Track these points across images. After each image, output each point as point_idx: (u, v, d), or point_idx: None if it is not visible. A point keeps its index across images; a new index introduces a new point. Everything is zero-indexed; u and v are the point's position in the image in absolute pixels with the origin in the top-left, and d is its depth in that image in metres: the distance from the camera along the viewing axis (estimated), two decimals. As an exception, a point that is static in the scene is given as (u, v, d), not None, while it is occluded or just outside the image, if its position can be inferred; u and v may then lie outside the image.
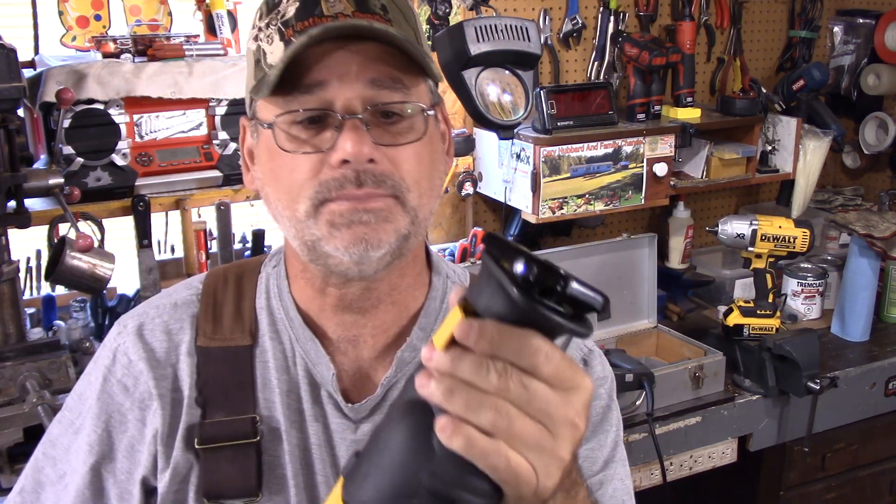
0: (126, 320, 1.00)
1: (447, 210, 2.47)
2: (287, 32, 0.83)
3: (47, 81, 1.74)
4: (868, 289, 2.32)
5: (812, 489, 2.25)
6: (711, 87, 2.84)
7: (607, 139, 2.23)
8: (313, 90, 0.82)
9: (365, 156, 0.82)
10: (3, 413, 1.60)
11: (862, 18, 2.91)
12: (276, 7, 0.86)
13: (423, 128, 0.87)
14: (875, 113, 2.88)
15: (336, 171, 0.83)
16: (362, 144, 0.82)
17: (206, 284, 1.00)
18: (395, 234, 0.85)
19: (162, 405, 0.93)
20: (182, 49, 1.92)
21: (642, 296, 2.26)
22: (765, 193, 3.03)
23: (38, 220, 1.77)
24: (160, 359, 0.95)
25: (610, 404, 1.03)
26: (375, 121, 0.84)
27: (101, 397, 0.96)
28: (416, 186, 0.86)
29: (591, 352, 1.05)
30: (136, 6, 2.04)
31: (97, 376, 0.98)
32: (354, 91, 0.82)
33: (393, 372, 0.94)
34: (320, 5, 0.83)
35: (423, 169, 0.87)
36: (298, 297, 0.96)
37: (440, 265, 1.01)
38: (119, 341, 0.98)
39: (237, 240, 2.18)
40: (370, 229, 0.83)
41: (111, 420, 0.95)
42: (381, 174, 0.83)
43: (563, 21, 2.52)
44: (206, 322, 0.96)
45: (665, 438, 1.94)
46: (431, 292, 0.98)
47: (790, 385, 2.05)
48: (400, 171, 0.84)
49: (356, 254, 0.84)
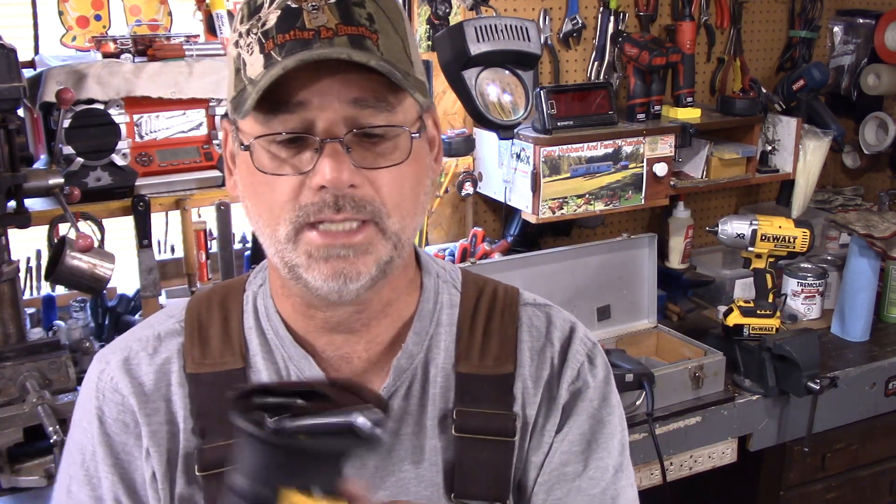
0: (107, 355, 0.96)
1: (447, 210, 2.47)
2: (267, 45, 0.80)
3: (47, 81, 1.74)
4: (868, 289, 2.32)
5: (812, 489, 2.25)
6: (711, 87, 2.84)
7: (607, 139, 2.23)
8: (294, 109, 0.80)
9: (344, 183, 0.80)
10: (3, 413, 1.60)
11: (862, 18, 2.90)
12: (258, 12, 0.82)
13: (407, 148, 0.84)
14: (875, 113, 2.88)
15: (315, 196, 0.80)
16: (342, 171, 0.79)
17: (188, 311, 0.97)
18: (375, 265, 0.83)
19: (156, 443, 0.92)
20: (182, 49, 1.92)
21: (642, 296, 2.26)
22: (765, 193, 3.03)
23: (38, 220, 1.77)
24: (149, 393, 0.93)
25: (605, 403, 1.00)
26: (358, 141, 0.81)
27: (103, 441, 0.93)
28: (398, 210, 0.84)
29: (594, 345, 1.02)
30: (136, 6, 2.04)
31: (91, 420, 0.94)
32: (336, 112, 0.80)
33: (391, 381, 0.93)
34: (302, 17, 0.79)
35: (405, 191, 0.84)
36: (285, 315, 0.94)
37: (430, 264, 1.00)
38: (105, 378, 0.94)
39: (237, 240, 2.19)
40: (348, 263, 0.82)
41: (120, 461, 0.93)
42: (360, 199, 0.81)
43: (563, 21, 2.52)
44: (194, 348, 0.94)
45: (665, 438, 1.94)
46: (424, 294, 0.97)
47: (790, 385, 2.05)
48: (381, 195, 0.82)
49: (334, 286, 0.82)
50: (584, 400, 0.98)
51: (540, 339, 0.99)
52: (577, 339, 1.00)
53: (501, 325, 0.98)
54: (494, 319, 0.98)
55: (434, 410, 0.94)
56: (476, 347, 0.96)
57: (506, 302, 1.00)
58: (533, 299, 1.03)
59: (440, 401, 0.94)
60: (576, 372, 0.98)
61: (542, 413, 0.97)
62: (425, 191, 0.89)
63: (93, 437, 0.94)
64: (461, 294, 1.00)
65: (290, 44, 0.79)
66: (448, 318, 0.98)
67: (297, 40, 0.78)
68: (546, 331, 1.00)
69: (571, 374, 0.98)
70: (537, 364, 0.98)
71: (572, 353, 0.99)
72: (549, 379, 0.98)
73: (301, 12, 0.79)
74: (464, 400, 0.94)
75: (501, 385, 0.95)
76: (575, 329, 1.01)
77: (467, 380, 0.95)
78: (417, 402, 0.94)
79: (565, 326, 1.01)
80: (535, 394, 0.97)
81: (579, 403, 0.98)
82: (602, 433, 0.99)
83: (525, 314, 1.00)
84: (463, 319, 0.98)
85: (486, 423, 0.94)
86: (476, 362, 0.95)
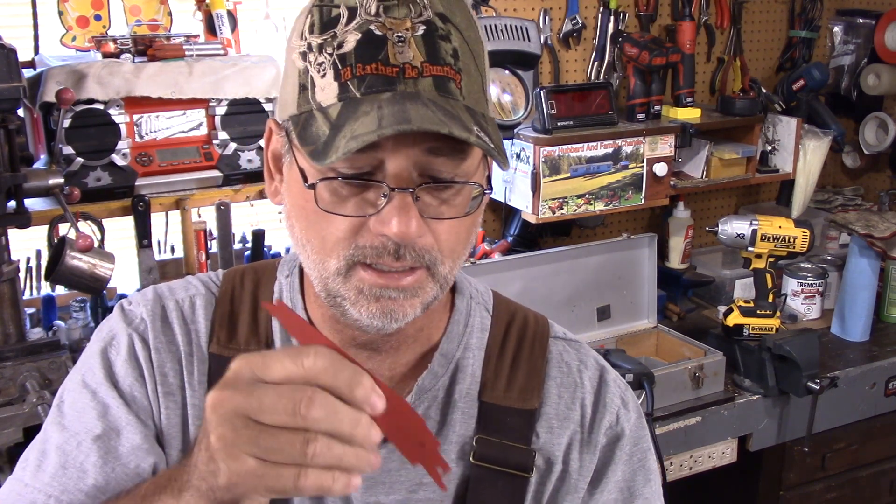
0: (147, 293, 0.95)
1: (447, 210, 2.47)
2: (344, 73, 0.74)
3: (47, 81, 1.74)
4: (868, 289, 2.32)
5: (812, 489, 2.25)
6: (711, 87, 2.84)
7: (607, 139, 2.23)
8: (365, 148, 0.72)
9: (412, 237, 0.76)
10: (3, 413, 1.60)
11: (862, 18, 2.91)
12: (333, 28, 0.76)
13: (475, 206, 0.81)
14: (875, 113, 2.88)
15: (376, 240, 0.77)
16: (410, 224, 0.75)
17: (223, 285, 0.96)
18: (420, 306, 0.82)
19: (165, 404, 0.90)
20: (182, 49, 1.92)
21: (642, 296, 2.26)
22: (765, 193, 3.03)
23: (38, 220, 1.77)
24: (176, 350, 0.92)
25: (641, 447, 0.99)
26: (426, 189, 0.77)
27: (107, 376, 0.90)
28: (451, 255, 0.81)
29: (626, 388, 1.00)
30: (136, 6, 2.04)
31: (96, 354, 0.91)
32: (409, 158, 0.75)
33: (413, 399, 0.91)
34: (386, 50, 0.74)
35: (461, 238, 0.82)
36: (314, 319, 0.91)
37: (463, 285, 0.97)
38: (136, 314, 0.93)
39: (237, 240, 2.18)
40: (397, 305, 0.80)
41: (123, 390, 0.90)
42: (421, 248, 0.78)
43: (563, 21, 2.52)
44: (222, 328, 0.93)
45: (665, 438, 1.94)
46: (454, 315, 0.94)
47: (790, 385, 2.05)
48: (439, 244, 0.79)
49: (379, 324, 0.80)
50: (622, 448, 0.97)
51: (570, 377, 0.97)
52: (610, 381, 0.98)
53: (531, 357, 0.96)
54: (524, 350, 0.96)
55: (453, 435, 0.92)
56: (503, 377, 0.94)
57: (536, 332, 0.98)
58: (563, 333, 1.01)
59: (460, 426, 0.92)
60: (614, 417, 0.97)
61: (573, 457, 0.95)
62: (474, 236, 0.87)
63: (97, 373, 0.91)
64: (492, 318, 0.98)
65: (370, 78, 0.74)
66: (478, 342, 0.95)
67: (378, 76, 0.74)
68: (577, 371, 0.97)
69: (610, 420, 0.96)
70: (566, 404, 0.96)
71: (609, 398, 0.97)
72: (581, 422, 0.95)
73: (385, 43, 0.74)
74: (487, 429, 0.92)
75: (525, 419, 0.93)
76: (606, 371, 0.99)
77: (491, 409, 0.93)
78: (436, 424, 0.92)
79: (596, 368, 0.99)
80: (559, 434, 0.94)
81: (617, 451, 0.96)
82: (641, 478, 0.98)
83: (555, 348, 0.98)
84: (492, 346, 0.95)
85: (504, 455, 0.91)
86: (502, 392, 0.93)
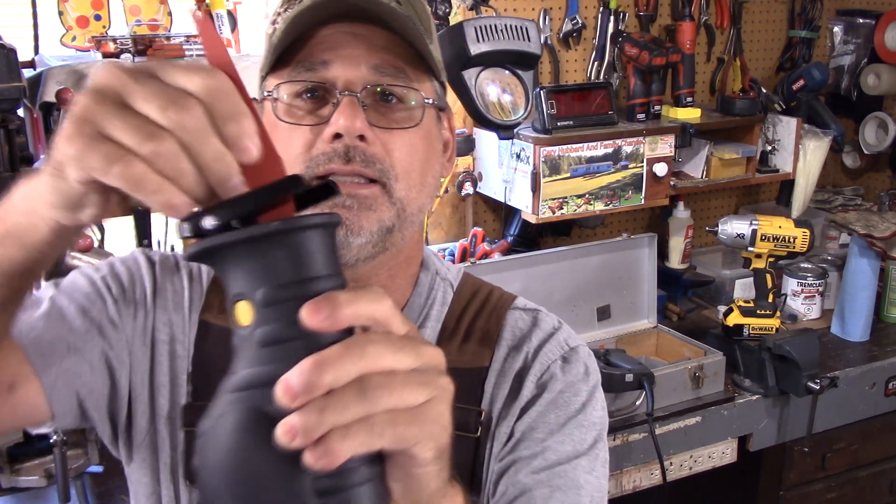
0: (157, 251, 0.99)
1: (447, 210, 2.47)
2: (292, 5, 0.84)
3: (47, 81, 1.74)
4: (868, 289, 2.32)
5: (812, 489, 2.25)
6: (711, 87, 2.84)
7: (607, 139, 2.23)
8: (317, 68, 0.84)
9: (357, 130, 0.82)
10: (3, 413, 1.60)
11: (862, 18, 2.91)
12: None
13: (419, 118, 0.86)
14: (875, 113, 2.88)
15: (327, 146, 0.82)
16: (355, 119, 0.81)
17: None
18: (377, 224, 0.84)
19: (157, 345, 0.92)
20: (182, 49, 1.92)
21: (642, 296, 2.26)
22: (765, 193, 3.03)
23: (38, 220, 1.77)
24: (177, 300, 0.94)
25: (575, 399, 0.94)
26: (374, 103, 0.84)
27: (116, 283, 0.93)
28: (406, 177, 0.85)
29: (574, 349, 0.97)
30: (136, 6, 2.04)
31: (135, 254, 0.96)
32: (357, 73, 0.83)
33: None
34: None
35: (414, 160, 0.86)
36: None
37: (430, 261, 0.99)
38: (149, 254, 0.97)
39: (237, 240, 2.18)
40: (352, 214, 0.82)
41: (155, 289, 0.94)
42: (371, 155, 0.83)
43: (563, 21, 2.52)
44: (216, 296, 0.94)
45: (665, 438, 1.94)
46: (417, 289, 0.96)
47: (790, 385, 2.05)
48: (391, 158, 0.84)
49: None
50: (549, 391, 0.93)
51: (521, 339, 0.96)
52: (555, 339, 0.96)
53: (486, 325, 0.96)
54: (480, 319, 0.97)
55: None
56: (456, 343, 0.95)
57: (496, 305, 0.99)
58: (524, 304, 1.00)
59: None
60: (545, 367, 0.94)
61: (505, 405, 0.93)
62: (433, 174, 0.90)
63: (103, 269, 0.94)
64: (455, 293, 0.99)
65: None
66: (437, 314, 0.97)
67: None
68: (528, 331, 0.97)
69: (539, 369, 0.94)
70: (511, 360, 0.95)
71: (545, 351, 0.95)
72: (518, 373, 0.94)
73: None
74: None
75: (473, 379, 0.93)
76: (558, 330, 0.98)
77: None
78: None
79: (548, 328, 0.98)
80: (502, 387, 0.94)
81: (544, 395, 0.93)
82: (568, 424, 0.92)
83: (512, 316, 0.98)
84: (449, 318, 0.97)
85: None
86: (453, 357, 0.92)
